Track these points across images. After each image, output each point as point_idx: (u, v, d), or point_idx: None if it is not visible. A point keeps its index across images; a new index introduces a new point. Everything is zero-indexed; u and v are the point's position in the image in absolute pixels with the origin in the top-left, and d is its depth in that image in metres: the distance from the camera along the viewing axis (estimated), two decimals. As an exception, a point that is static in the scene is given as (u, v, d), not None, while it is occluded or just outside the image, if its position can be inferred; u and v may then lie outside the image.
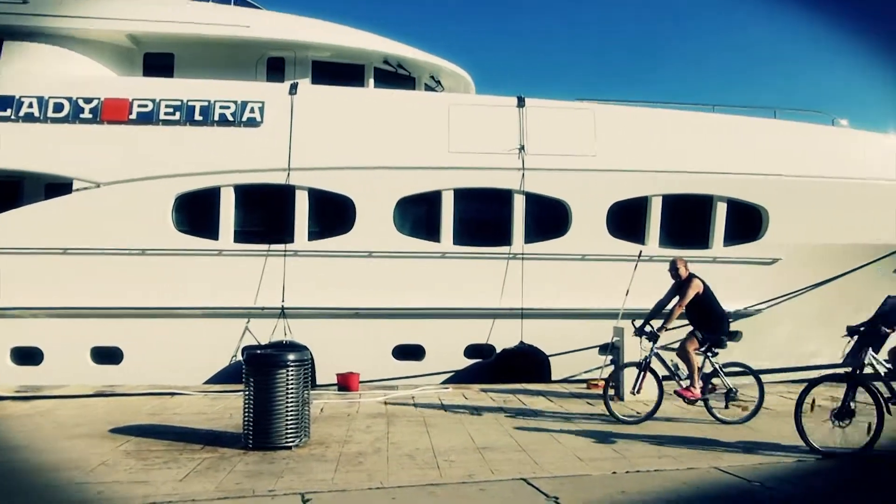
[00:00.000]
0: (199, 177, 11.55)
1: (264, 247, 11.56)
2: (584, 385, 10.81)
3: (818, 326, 13.19)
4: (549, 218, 12.03)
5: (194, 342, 11.25)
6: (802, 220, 12.25)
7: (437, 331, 11.80)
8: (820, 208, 12.20)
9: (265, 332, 11.29)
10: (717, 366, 8.18)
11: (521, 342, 11.89)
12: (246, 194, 11.78)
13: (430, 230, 12.04)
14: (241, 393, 6.90)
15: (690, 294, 8.16)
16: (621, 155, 11.98)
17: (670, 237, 12.19)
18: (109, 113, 11.57)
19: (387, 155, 11.75)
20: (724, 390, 8.15)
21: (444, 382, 11.60)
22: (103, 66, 12.47)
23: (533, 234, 12.01)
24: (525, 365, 11.80)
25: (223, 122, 11.68)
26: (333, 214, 11.86)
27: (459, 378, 11.77)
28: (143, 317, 11.28)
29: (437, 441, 7.02)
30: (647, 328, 8.30)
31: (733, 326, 12.47)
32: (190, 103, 11.64)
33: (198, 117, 11.64)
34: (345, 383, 10.63)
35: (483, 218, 12.33)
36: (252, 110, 11.71)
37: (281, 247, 11.55)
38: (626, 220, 12.10)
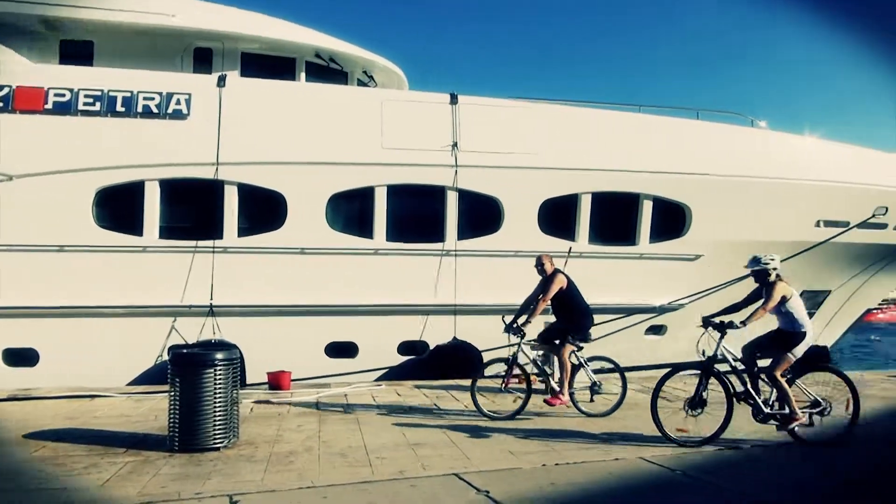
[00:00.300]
0: (121, 170, 11.12)
1: (191, 243, 11.23)
2: (516, 380, 10.96)
3: (737, 319, 13.79)
4: (482, 214, 12.15)
5: (117, 342, 10.85)
6: (723, 217, 12.77)
7: (370, 328, 11.75)
8: (739, 206, 12.75)
9: (193, 331, 10.99)
10: (582, 360, 8.28)
11: (455, 338, 11.97)
12: (172, 189, 11.42)
13: (362, 226, 11.97)
14: (167, 394, 6.69)
15: (553, 289, 8.23)
16: (552, 153, 12.20)
17: (599, 234, 12.51)
18: (23, 102, 10.99)
19: (319, 150, 11.60)
20: (589, 384, 8.28)
21: (377, 380, 11.57)
22: (15, 53, 11.82)
23: (466, 231, 12.10)
24: (458, 361, 11.88)
25: (147, 113, 11.26)
26: (264, 210, 11.63)
27: (393, 375, 11.75)
28: (62, 316, 10.78)
29: (370, 438, 6.99)
30: (516, 324, 8.29)
31: (659, 321, 13.02)
32: (111, 93, 11.18)
33: (119, 108, 11.17)
34: (276, 382, 10.45)
35: (416, 214, 12.34)
36: (178, 102, 11.34)
37: (209, 243, 11.25)
38: (557, 216, 12.33)
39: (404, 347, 12.03)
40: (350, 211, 12.13)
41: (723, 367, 6.99)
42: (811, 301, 14.56)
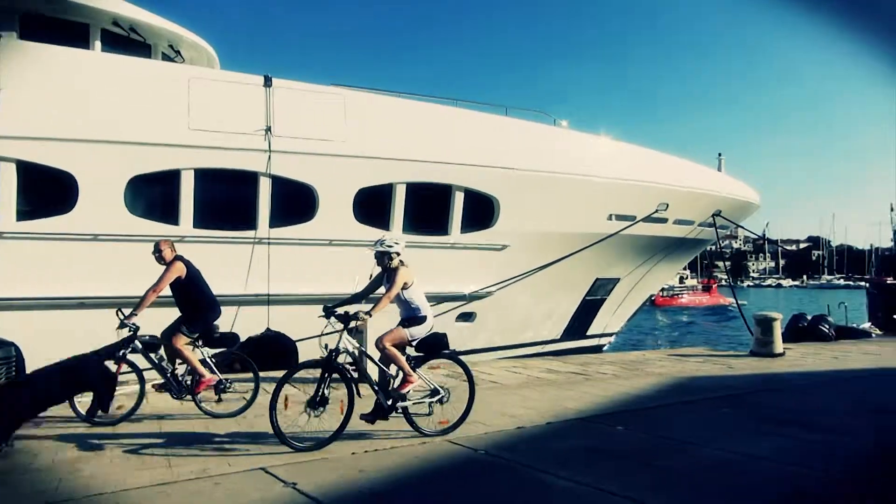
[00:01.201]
0: None
1: None
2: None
3: (539, 306, 14.83)
4: (297, 202, 11.90)
5: None
6: (527, 210, 13.59)
7: (174, 319, 11.05)
8: (542, 200, 13.64)
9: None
10: (206, 356, 7.70)
11: (268, 329, 11.62)
12: None
13: (167, 212, 11.22)
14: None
15: (168, 277, 7.49)
16: (368, 141, 12.23)
17: (413, 223, 12.76)
18: None
19: (116, 128, 10.66)
20: (215, 382, 7.67)
21: (183, 374, 10.91)
22: None
23: (279, 219, 11.78)
24: (272, 352, 11.57)
25: None
26: (50, 192, 10.49)
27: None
28: None
29: (171, 437, 6.62)
30: (134, 318, 7.39)
31: (469, 308, 13.58)
32: None
33: None
34: (63, 381, 9.49)
35: (227, 200, 11.81)
36: (-64, 62, 9.84)
37: None
38: (372, 205, 12.40)
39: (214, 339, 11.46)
40: (153, 195, 11.32)
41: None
42: (603, 288, 16.01)
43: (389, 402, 6.47)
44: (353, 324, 6.43)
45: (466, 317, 13.63)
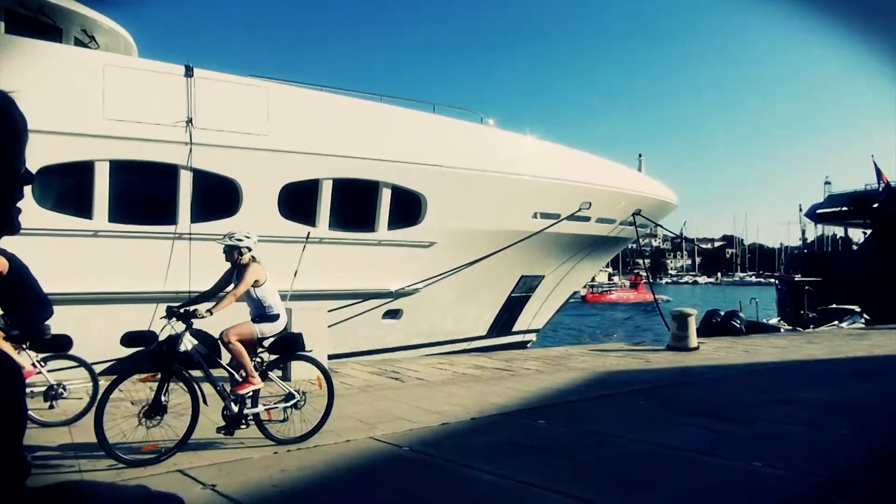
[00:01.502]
0: None
1: None
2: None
3: (466, 303, 14.96)
4: (219, 197, 11.58)
5: None
6: (454, 207, 13.67)
7: (88, 318, 10.56)
8: (468, 197, 13.75)
9: None
10: (36, 360, 7.27)
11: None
12: None
13: (80, 205, 10.70)
14: None
15: None
16: (294, 136, 12.01)
17: (340, 220, 12.62)
18: None
19: (25, 116, 10.08)
20: (45, 387, 7.24)
21: (100, 374, 10.45)
22: None
23: (201, 213, 11.42)
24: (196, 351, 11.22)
25: None
26: None
27: (117, 368, 10.71)
28: None
29: (82, 440, 6.34)
30: None
31: (395, 305, 13.55)
32: None
33: None
34: (-37, 384, 8.93)
35: (145, 194, 11.38)
36: None
37: None
38: (298, 201, 12.19)
39: (129, 339, 11.01)
40: (64, 187, 10.76)
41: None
42: (528, 285, 16.28)
43: (237, 409, 6.08)
44: (194, 322, 6.06)
45: (393, 314, 13.60)
